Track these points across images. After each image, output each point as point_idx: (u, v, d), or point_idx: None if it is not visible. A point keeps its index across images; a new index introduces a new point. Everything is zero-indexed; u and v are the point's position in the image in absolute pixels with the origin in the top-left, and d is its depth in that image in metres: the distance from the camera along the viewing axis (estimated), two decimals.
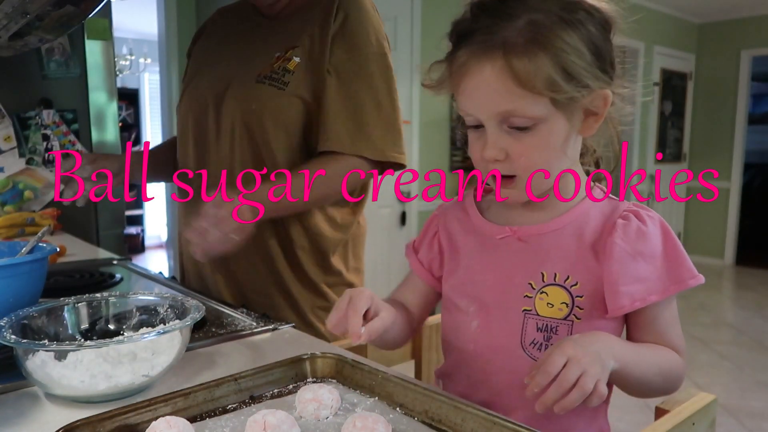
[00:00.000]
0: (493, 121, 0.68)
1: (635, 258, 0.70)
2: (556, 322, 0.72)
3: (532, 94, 0.64)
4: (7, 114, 2.30)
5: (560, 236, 0.74)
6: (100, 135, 2.50)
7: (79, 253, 1.62)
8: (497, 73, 0.65)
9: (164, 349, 0.70)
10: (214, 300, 1.11)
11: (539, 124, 0.67)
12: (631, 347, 0.70)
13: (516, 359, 0.74)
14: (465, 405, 0.60)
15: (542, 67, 0.63)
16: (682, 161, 6.02)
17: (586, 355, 0.59)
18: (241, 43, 1.22)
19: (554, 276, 0.73)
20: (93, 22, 2.42)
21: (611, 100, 0.69)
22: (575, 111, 0.68)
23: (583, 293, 0.72)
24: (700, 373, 3.15)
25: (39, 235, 0.95)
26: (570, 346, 0.60)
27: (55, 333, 0.78)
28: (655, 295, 0.70)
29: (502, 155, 0.69)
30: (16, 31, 1.09)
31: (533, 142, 0.68)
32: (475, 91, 0.68)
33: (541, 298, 0.73)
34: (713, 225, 5.96)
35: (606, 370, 0.61)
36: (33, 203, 2.31)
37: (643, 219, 0.72)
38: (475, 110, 0.69)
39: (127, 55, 5.93)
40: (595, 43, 0.66)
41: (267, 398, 0.68)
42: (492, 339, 0.77)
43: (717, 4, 5.29)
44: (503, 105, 0.66)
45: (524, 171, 0.70)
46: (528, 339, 0.74)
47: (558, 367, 0.58)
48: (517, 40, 0.64)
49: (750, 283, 5.27)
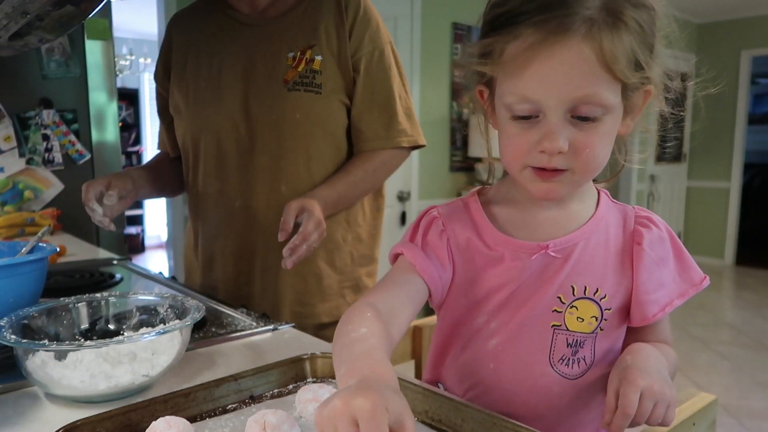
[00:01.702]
0: (561, 110, 0.61)
1: (659, 265, 0.70)
2: (584, 336, 0.71)
3: (611, 79, 0.60)
4: (7, 114, 2.30)
5: (588, 246, 0.71)
6: (100, 135, 2.50)
7: (79, 253, 1.62)
8: (581, 52, 0.58)
9: (164, 349, 0.70)
10: (215, 300, 1.11)
11: (605, 116, 0.62)
12: (660, 353, 0.70)
13: (544, 377, 0.72)
14: (465, 405, 0.60)
15: (627, 45, 0.59)
16: (682, 161, 6.02)
17: (656, 383, 0.60)
18: (234, 50, 1.15)
19: (584, 289, 0.70)
20: (93, 22, 2.42)
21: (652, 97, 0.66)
22: (626, 104, 0.65)
23: (611, 306, 0.71)
24: (700, 373, 3.15)
25: (39, 235, 0.96)
26: (638, 376, 0.60)
27: (55, 333, 0.78)
28: (678, 299, 0.71)
29: (567, 147, 0.62)
30: (16, 31, 1.09)
31: (597, 134, 0.62)
32: (551, 74, 0.60)
33: (570, 312, 0.70)
34: (713, 225, 5.96)
35: (672, 388, 0.62)
36: (33, 203, 2.31)
37: (657, 224, 0.72)
38: (546, 96, 0.61)
39: (127, 55, 5.93)
40: (648, 28, 0.62)
41: (267, 398, 0.68)
42: (517, 357, 0.72)
43: (717, 4, 5.29)
44: (583, 89, 0.60)
45: (583, 165, 0.63)
46: (557, 355, 0.71)
47: (635, 406, 0.58)
48: (599, 16, 0.58)
49: (750, 283, 5.27)
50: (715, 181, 5.92)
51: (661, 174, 5.74)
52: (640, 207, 0.75)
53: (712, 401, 0.73)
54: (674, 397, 0.61)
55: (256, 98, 1.12)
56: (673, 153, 5.89)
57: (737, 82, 5.64)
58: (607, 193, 0.77)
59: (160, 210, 6.03)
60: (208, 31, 1.20)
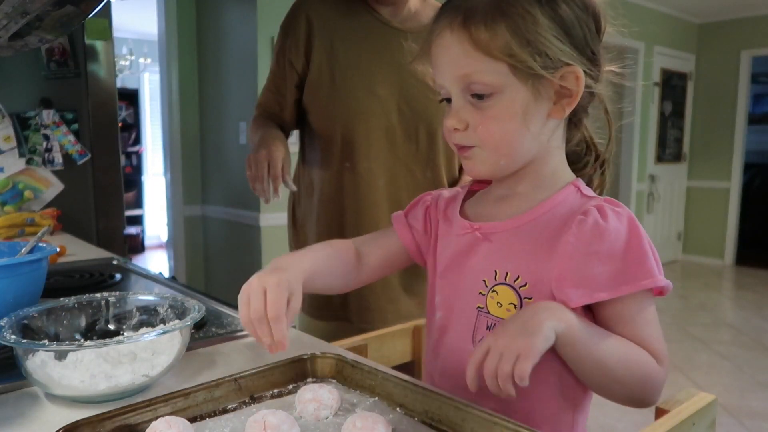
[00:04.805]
0: (456, 88, 0.69)
1: (587, 257, 0.66)
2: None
3: (491, 60, 0.66)
4: (7, 114, 2.30)
5: (518, 234, 0.72)
6: (100, 135, 2.50)
7: (79, 253, 1.62)
8: (456, 36, 0.67)
9: (164, 349, 0.70)
10: (215, 300, 1.11)
11: (498, 94, 0.67)
12: (590, 325, 0.66)
13: (467, 355, 0.70)
14: (465, 405, 0.60)
15: (500, 32, 0.65)
16: (682, 161, 6.03)
17: (501, 338, 0.60)
18: (380, 48, 1.23)
19: (505, 275, 0.71)
20: (93, 22, 2.42)
21: (584, 79, 0.66)
22: (542, 87, 0.67)
23: (532, 295, 0.69)
24: (700, 373, 3.15)
25: (39, 235, 0.96)
26: (489, 336, 0.62)
27: (55, 333, 0.78)
28: (604, 292, 0.65)
29: (462, 125, 0.69)
30: (16, 31, 1.09)
31: (492, 112, 0.68)
32: (439, 57, 0.70)
33: (492, 296, 0.72)
34: (713, 225, 5.96)
35: (536, 336, 0.59)
36: (33, 203, 2.31)
37: (606, 215, 0.67)
38: (441, 78, 0.71)
39: (127, 55, 5.93)
40: (566, 19, 0.66)
41: (267, 398, 0.68)
42: (448, 334, 0.78)
43: (717, 4, 5.29)
44: (462, 68, 0.68)
45: (483, 142, 0.70)
46: (478, 336, 0.73)
47: (479, 359, 0.60)
48: (478, 6, 0.66)
49: (750, 283, 5.27)
50: (715, 181, 5.92)
51: (661, 174, 5.74)
52: (611, 199, 0.71)
53: (712, 401, 0.73)
54: (527, 348, 0.57)
55: (414, 104, 1.22)
56: (673, 153, 5.90)
57: (737, 82, 5.64)
58: (579, 185, 0.73)
59: (160, 210, 6.02)
60: (353, 25, 1.25)
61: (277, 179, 1.13)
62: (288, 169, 1.17)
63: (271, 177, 1.13)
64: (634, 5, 4.98)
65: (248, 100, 3.08)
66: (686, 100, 5.93)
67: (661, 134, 5.71)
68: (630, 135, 5.32)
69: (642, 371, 0.66)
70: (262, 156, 1.15)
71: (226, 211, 3.39)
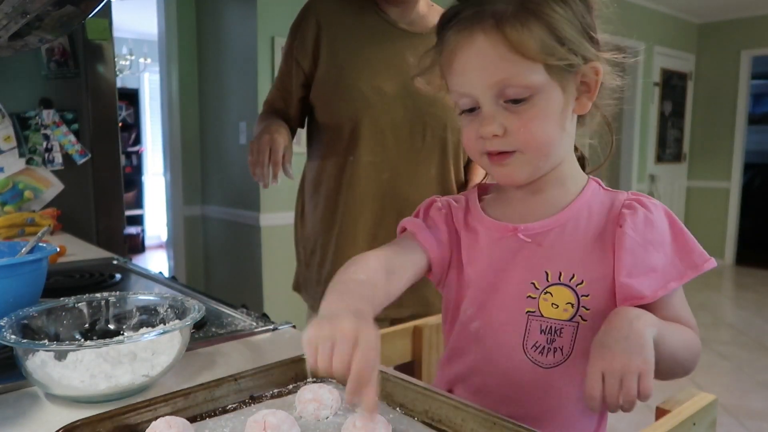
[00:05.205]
0: (488, 96, 0.67)
1: (646, 248, 0.68)
2: (560, 323, 0.70)
3: (527, 61, 0.64)
4: (7, 114, 2.30)
5: (563, 232, 0.72)
6: (100, 135, 2.50)
7: (79, 253, 1.62)
8: (490, 41, 0.65)
9: (164, 349, 0.70)
10: (215, 300, 1.11)
11: (535, 95, 0.66)
12: (660, 320, 0.66)
13: (517, 363, 0.72)
14: (465, 405, 0.60)
15: (535, 31, 0.64)
16: (682, 161, 6.02)
17: (616, 358, 0.57)
18: (385, 47, 1.23)
19: (559, 275, 0.70)
20: (93, 22, 2.42)
21: (602, 72, 0.68)
22: (569, 82, 0.68)
23: (589, 292, 0.70)
24: (700, 373, 3.14)
25: (39, 235, 0.96)
26: (597, 355, 0.59)
27: (55, 333, 0.78)
28: (674, 281, 0.68)
29: (500, 130, 0.67)
30: (16, 31, 1.09)
31: (531, 114, 0.66)
32: (467, 65, 0.67)
33: (545, 298, 0.71)
34: (713, 225, 5.96)
35: (645, 349, 0.58)
36: (33, 203, 2.31)
37: (648, 207, 0.70)
38: (470, 86, 0.68)
39: (127, 55, 5.93)
40: (580, 16, 0.67)
41: (267, 398, 0.68)
42: (493, 342, 0.74)
43: (717, 4, 5.29)
44: (498, 74, 0.65)
45: (525, 145, 0.67)
46: (530, 342, 0.72)
47: (598, 388, 0.57)
48: (507, 9, 0.64)
49: (750, 283, 5.27)
50: (715, 181, 5.92)
51: (661, 174, 5.74)
52: (638, 192, 0.73)
53: (712, 401, 0.73)
54: (645, 364, 0.57)
55: (432, 109, 1.22)
56: (673, 153, 5.90)
57: (737, 82, 5.64)
58: (599, 182, 0.76)
59: (160, 210, 6.02)
60: (360, 25, 1.26)
61: (278, 165, 1.14)
62: (289, 157, 1.17)
63: (272, 163, 1.13)
64: (634, 5, 4.98)
65: (248, 100, 3.08)
66: (686, 100, 5.93)
67: (661, 134, 5.71)
68: (630, 135, 5.32)
69: (695, 350, 0.71)
70: (264, 141, 1.15)
71: (226, 211, 3.39)
